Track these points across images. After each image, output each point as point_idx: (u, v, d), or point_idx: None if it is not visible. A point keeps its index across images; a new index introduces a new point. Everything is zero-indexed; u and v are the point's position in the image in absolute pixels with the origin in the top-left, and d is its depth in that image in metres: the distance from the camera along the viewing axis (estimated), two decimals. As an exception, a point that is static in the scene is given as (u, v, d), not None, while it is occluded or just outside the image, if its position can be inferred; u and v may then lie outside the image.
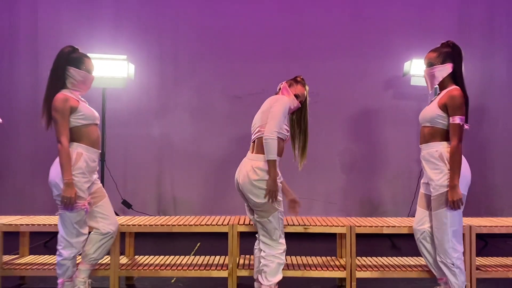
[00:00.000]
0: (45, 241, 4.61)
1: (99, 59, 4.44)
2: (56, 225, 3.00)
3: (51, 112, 2.63)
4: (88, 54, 4.17)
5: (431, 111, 2.70)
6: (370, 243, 4.50)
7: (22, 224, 3.06)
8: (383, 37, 5.38)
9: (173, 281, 3.36)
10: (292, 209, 2.91)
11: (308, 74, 5.31)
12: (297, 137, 2.94)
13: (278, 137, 2.64)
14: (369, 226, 3.02)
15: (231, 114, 5.33)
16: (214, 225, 3.03)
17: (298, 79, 2.96)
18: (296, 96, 2.87)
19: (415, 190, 4.66)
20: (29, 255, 3.37)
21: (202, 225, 3.03)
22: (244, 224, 3.00)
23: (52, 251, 3.31)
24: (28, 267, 3.06)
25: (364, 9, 5.46)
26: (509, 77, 5.54)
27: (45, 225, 3.07)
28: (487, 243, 4.71)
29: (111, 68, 4.54)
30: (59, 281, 2.65)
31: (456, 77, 2.71)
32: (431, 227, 2.71)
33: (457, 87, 2.68)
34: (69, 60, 2.70)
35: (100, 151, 2.79)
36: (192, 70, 5.44)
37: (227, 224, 3.00)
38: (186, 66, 5.44)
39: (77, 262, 2.73)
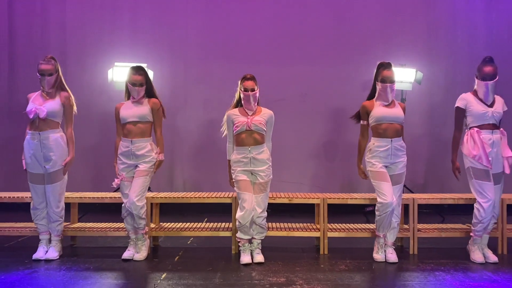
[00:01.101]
0: (79, 217, 5.58)
1: (125, 67, 5.37)
2: (96, 197, 4.09)
3: None
4: (115, 63, 5.19)
5: (401, 114, 3.72)
6: (345, 219, 5.46)
7: (77, 197, 4.05)
8: (360, 47, 6.28)
9: (189, 242, 4.35)
10: None
11: (298, 77, 6.41)
12: None
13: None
14: (337, 198, 4.02)
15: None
16: (221, 197, 4.03)
17: (248, 76, 3.85)
18: (245, 89, 3.75)
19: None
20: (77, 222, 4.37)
21: (213, 197, 4.03)
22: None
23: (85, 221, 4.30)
24: (80, 230, 4.06)
25: (345, 23, 6.37)
26: (470, 77, 6.48)
27: (94, 197, 4.07)
28: (444, 219, 5.70)
29: (134, 73, 5.48)
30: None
31: None
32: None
33: None
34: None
35: (131, 139, 3.67)
36: (198, 74, 6.35)
37: (231, 197, 4.00)
38: (194, 70, 6.35)
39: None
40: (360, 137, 3.91)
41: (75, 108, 3.82)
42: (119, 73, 5.40)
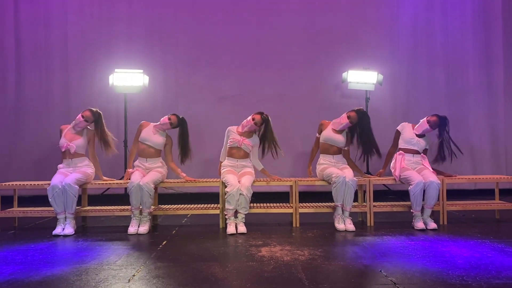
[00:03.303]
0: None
1: (124, 73, 6.12)
2: (104, 183, 4.77)
3: None
4: (116, 70, 5.92)
5: (341, 140, 4.82)
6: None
7: (89, 183, 4.79)
8: (330, 52, 7.12)
9: (183, 221, 5.12)
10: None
11: (278, 79, 7.25)
12: (268, 144, 4.85)
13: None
14: (306, 181, 4.83)
15: (218, 111, 7.06)
16: (211, 181, 4.81)
17: (263, 113, 4.85)
18: (253, 119, 4.75)
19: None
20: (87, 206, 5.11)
21: (203, 181, 4.81)
22: (229, 181, 4.76)
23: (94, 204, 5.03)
24: (90, 211, 4.80)
25: (317, 31, 7.20)
26: (428, 78, 7.38)
27: (102, 183, 4.80)
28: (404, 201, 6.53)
29: (132, 79, 6.20)
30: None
31: None
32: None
33: None
34: None
35: (146, 158, 4.76)
36: (188, 78, 7.13)
37: (219, 181, 4.78)
38: (184, 75, 7.12)
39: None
40: (313, 145, 5.03)
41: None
42: (118, 78, 6.14)
